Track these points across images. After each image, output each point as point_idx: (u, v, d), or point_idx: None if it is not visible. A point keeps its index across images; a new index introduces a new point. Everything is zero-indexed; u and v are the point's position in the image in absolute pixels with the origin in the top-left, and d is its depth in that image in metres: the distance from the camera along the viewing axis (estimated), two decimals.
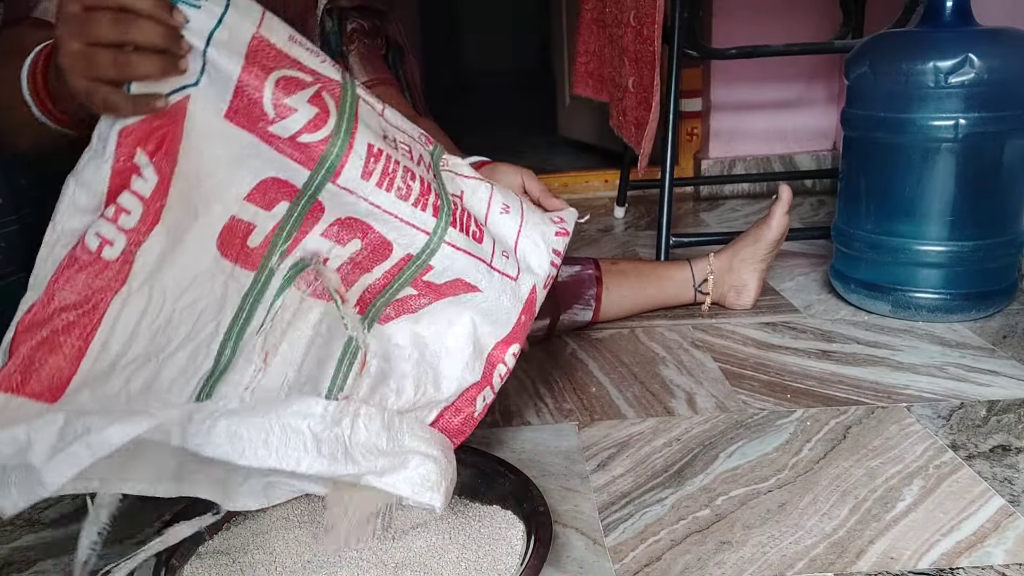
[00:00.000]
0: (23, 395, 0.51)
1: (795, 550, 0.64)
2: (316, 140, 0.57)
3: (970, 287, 1.06)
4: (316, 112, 0.57)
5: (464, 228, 0.66)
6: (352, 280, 0.65)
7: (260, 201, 0.60)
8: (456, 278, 0.66)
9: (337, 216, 0.62)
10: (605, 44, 1.56)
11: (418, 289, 0.67)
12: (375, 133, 0.61)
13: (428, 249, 0.64)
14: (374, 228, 0.63)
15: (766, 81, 1.91)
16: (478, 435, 0.84)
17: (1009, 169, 1.03)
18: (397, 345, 0.68)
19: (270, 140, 0.57)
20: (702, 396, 0.91)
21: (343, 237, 0.63)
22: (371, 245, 0.64)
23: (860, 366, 0.97)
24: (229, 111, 0.56)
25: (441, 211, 0.64)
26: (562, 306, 1.10)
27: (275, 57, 0.57)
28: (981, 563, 0.61)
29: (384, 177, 0.61)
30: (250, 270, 0.61)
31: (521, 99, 4.17)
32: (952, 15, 1.03)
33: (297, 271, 0.62)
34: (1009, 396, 0.87)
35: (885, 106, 1.05)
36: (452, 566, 0.59)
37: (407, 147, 0.64)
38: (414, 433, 0.64)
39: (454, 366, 0.69)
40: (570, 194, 2.08)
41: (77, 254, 0.53)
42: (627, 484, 0.74)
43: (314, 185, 0.59)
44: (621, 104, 1.46)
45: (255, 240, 0.61)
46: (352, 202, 0.60)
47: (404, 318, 0.68)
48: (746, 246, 1.15)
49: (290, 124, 0.56)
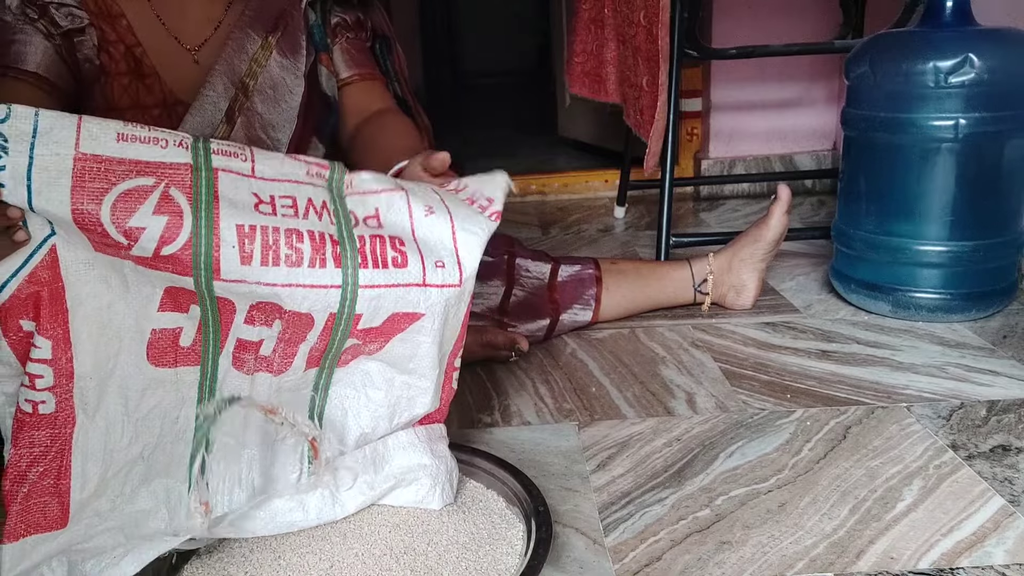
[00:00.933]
0: (34, 535, 0.56)
1: (795, 550, 0.64)
2: (178, 249, 0.54)
3: (970, 287, 1.06)
4: (167, 220, 0.54)
5: (380, 262, 0.60)
6: (292, 352, 0.62)
7: (174, 307, 0.57)
8: (392, 314, 0.62)
9: (248, 303, 0.58)
10: (604, 44, 1.55)
11: (360, 338, 0.63)
12: (244, 207, 0.57)
13: (347, 301, 0.59)
14: (284, 306, 0.59)
15: (766, 81, 1.91)
16: (478, 435, 0.85)
17: (1009, 169, 1.03)
18: (365, 384, 0.66)
19: (140, 261, 0.55)
20: (702, 396, 0.91)
21: (264, 320, 0.59)
22: (291, 320, 0.60)
23: (860, 366, 0.97)
24: (95, 245, 0.54)
25: (344, 258, 0.59)
26: (562, 306, 1.10)
27: (105, 172, 0.53)
28: (981, 563, 0.61)
29: (267, 252, 0.56)
30: (193, 366, 0.59)
31: (521, 99, 4.17)
32: (952, 15, 1.03)
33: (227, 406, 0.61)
34: (1009, 396, 0.87)
35: (885, 106, 1.05)
36: (452, 566, 0.59)
37: (290, 200, 0.60)
38: (401, 447, 0.65)
39: (425, 384, 0.66)
40: (570, 194, 2.08)
41: (20, 416, 0.56)
42: (627, 484, 0.74)
43: (204, 287, 0.56)
44: (637, 103, 1.46)
45: (186, 340, 0.59)
46: (248, 291, 0.57)
47: (362, 357, 0.65)
48: (745, 246, 1.15)
49: (146, 244, 0.53)
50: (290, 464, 0.62)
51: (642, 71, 1.39)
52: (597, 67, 1.60)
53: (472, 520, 0.64)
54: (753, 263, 1.15)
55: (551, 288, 1.10)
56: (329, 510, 0.63)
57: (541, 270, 1.12)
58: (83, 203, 0.52)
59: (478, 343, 1.01)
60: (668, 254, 1.35)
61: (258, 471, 0.61)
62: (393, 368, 0.65)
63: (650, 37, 1.33)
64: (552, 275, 1.11)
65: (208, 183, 0.56)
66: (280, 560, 0.60)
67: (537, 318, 1.08)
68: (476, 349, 1.01)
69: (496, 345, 1.01)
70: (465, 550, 0.61)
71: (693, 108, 2.00)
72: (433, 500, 0.66)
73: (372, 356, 0.65)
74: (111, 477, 0.58)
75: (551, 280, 1.11)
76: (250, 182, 0.59)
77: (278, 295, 0.58)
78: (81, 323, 0.56)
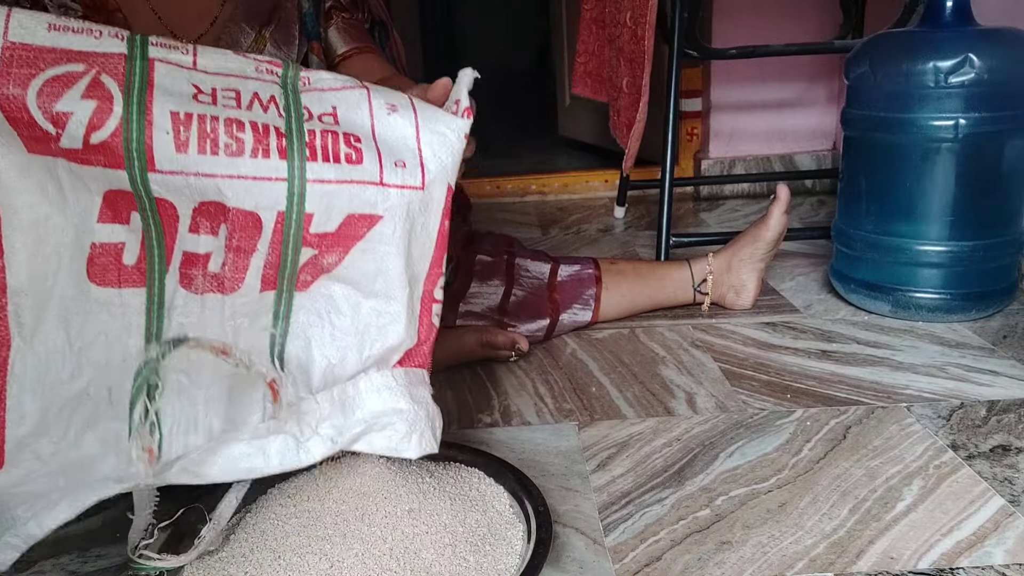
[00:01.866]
0: None
1: (795, 550, 0.64)
2: (108, 135, 0.52)
3: (970, 287, 1.06)
4: (95, 105, 0.51)
5: (331, 156, 0.57)
6: (243, 266, 0.58)
7: (113, 217, 0.54)
8: (347, 215, 0.58)
9: (191, 206, 0.55)
10: (605, 44, 1.56)
11: (315, 246, 0.59)
12: (180, 95, 0.54)
13: (295, 196, 0.56)
14: (228, 203, 0.55)
15: (766, 81, 1.91)
16: (478, 435, 0.85)
17: (1009, 169, 1.03)
18: (329, 311, 0.61)
19: (71, 156, 0.52)
20: (702, 396, 0.91)
21: (210, 226, 0.56)
22: (237, 223, 0.56)
23: (860, 366, 0.97)
24: (25, 142, 0.51)
25: (291, 151, 0.56)
26: (562, 306, 1.10)
27: (33, 59, 0.51)
28: (981, 563, 0.61)
29: (204, 140, 0.54)
30: (139, 287, 0.56)
31: (521, 99, 4.16)
32: (952, 15, 1.03)
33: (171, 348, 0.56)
34: (1009, 396, 0.87)
35: (885, 106, 1.05)
36: (452, 566, 0.59)
37: (232, 93, 0.57)
38: (375, 389, 0.60)
39: (396, 308, 0.61)
40: (570, 194, 2.08)
41: None
42: (627, 484, 0.74)
43: (140, 182, 0.53)
44: (616, 104, 1.46)
45: (130, 257, 0.55)
46: (186, 185, 0.54)
47: (323, 278, 0.61)
48: (745, 246, 1.15)
49: (74, 131, 0.51)
50: (249, 406, 0.58)
51: (623, 72, 1.39)
52: (599, 67, 1.60)
53: (472, 520, 0.64)
54: (752, 263, 1.15)
55: (551, 288, 1.10)
56: (293, 456, 0.57)
57: (541, 270, 1.12)
58: (8, 87, 0.50)
59: (478, 343, 1.01)
60: (668, 254, 1.35)
61: (215, 414, 0.56)
62: (359, 291, 0.61)
63: (634, 38, 1.33)
64: (552, 275, 1.11)
65: (142, 72, 0.53)
66: (280, 560, 0.60)
67: (537, 318, 1.08)
68: (476, 349, 1.01)
69: (496, 345, 1.01)
70: (465, 550, 0.61)
71: (693, 108, 2.00)
72: (409, 447, 0.60)
73: (334, 276, 0.60)
74: (53, 416, 0.54)
75: (551, 280, 1.11)
76: (190, 73, 0.56)
77: (219, 189, 0.55)
78: (14, 233, 0.52)
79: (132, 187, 0.53)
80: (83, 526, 0.71)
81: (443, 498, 0.65)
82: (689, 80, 1.95)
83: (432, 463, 0.71)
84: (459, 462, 0.71)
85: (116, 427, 0.55)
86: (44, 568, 0.66)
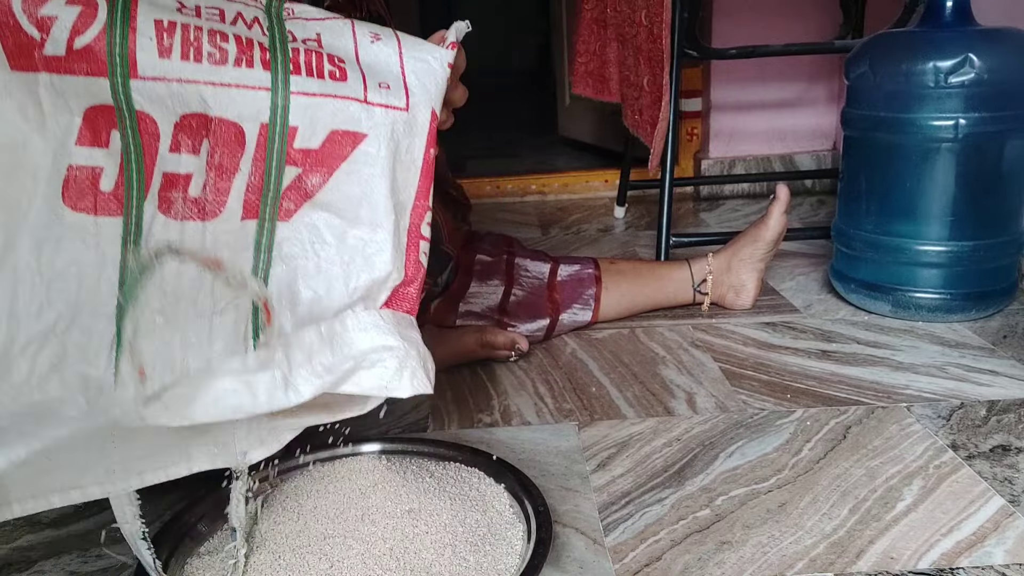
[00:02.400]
0: None
1: (795, 550, 0.64)
2: (92, 39, 0.51)
3: (970, 287, 1.06)
4: (80, 10, 0.51)
5: (315, 71, 0.57)
6: (225, 188, 0.57)
7: (92, 140, 0.53)
8: (331, 131, 0.58)
9: (172, 122, 0.54)
10: (607, 43, 1.56)
11: (299, 164, 0.58)
12: (164, 6, 0.54)
13: (279, 108, 0.56)
14: (211, 113, 0.55)
15: (766, 81, 1.91)
16: (478, 435, 0.85)
17: (1009, 169, 1.03)
18: (313, 241, 0.60)
19: (54, 67, 0.52)
20: (702, 396, 0.91)
21: (191, 144, 0.55)
22: (220, 136, 0.56)
23: (860, 366, 0.97)
24: (8, 56, 0.51)
25: (274, 63, 0.56)
26: (561, 306, 1.10)
27: None
28: (981, 563, 0.61)
29: (187, 48, 0.54)
30: (115, 216, 0.55)
31: (521, 99, 4.17)
32: (952, 15, 1.03)
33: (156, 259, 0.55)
34: (1009, 396, 0.87)
35: (885, 106, 1.05)
36: (452, 566, 0.59)
37: (215, 10, 0.57)
38: (362, 328, 0.57)
39: (382, 237, 0.60)
40: (570, 194, 2.08)
41: None
42: (627, 484, 0.74)
43: (121, 92, 0.53)
44: (637, 103, 1.46)
45: (107, 184, 0.54)
46: (169, 93, 0.53)
47: (306, 206, 0.59)
48: (744, 246, 1.15)
49: (57, 35, 0.51)
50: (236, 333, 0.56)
51: (643, 71, 1.39)
52: (601, 67, 1.60)
53: (472, 520, 0.64)
54: (752, 263, 1.15)
55: (550, 287, 1.10)
56: (281, 395, 0.54)
57: (540, 269, 1.12)
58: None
59: (478, 343, 1.01)
60: (668, 254, 1.35)
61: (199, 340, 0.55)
62: (343, 219, 0.60)
63: (651, 37, 1.33)
64: (551, 274, 1.11)
65: None
66: (280, 560, 0.60)
67: (537, 317, 1.08)
68: (476, 349, 1.01)
69: (496, 345, 1.01)
70: (465, 550, 0.61)
71: (693, 108, 2.00)
72: (401, 385, 0.56)
73: (317, 203, 0.59)
74: (17, 353, 0.51)
75: (550, 279, 1.11)
76: None
77: (202, 97, 0.54)
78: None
79: (114, 99, 0.53)
80: (83, 526, 0.71)
81: (443, 498, 0.65)
82: (689, 80, 1.95)
83: (432, 463, 0.71)
84: (459, 462, 0.72)
85: (84, 372, 0.53)
86: (44, 568, 0.66)
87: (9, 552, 0.68)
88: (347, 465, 0.68)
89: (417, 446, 0.74)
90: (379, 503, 0.65)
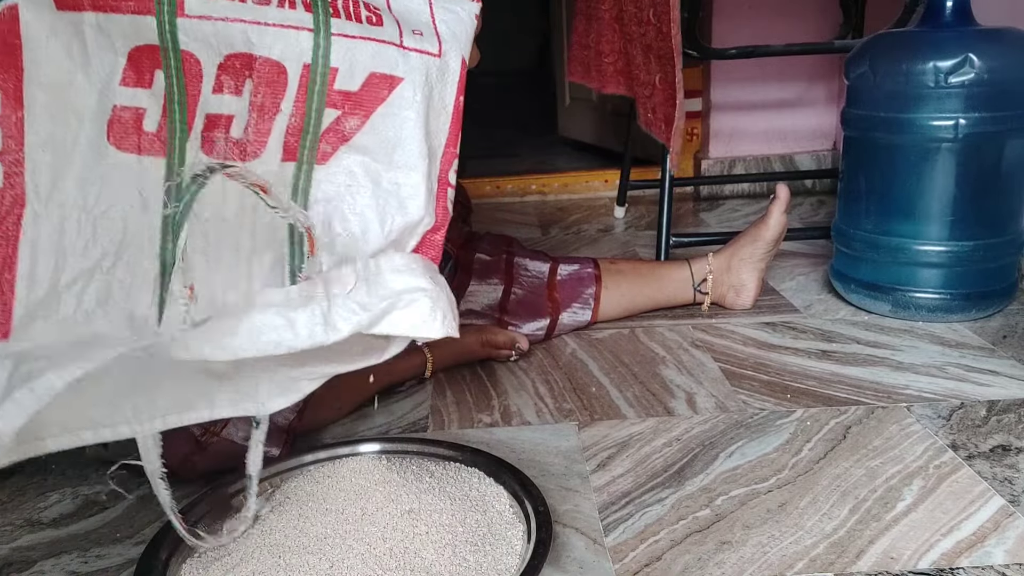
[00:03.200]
0: None
1: (795, 550, 0.64)
2: None
3: (970, 287, 1.06)
4: None
5: (352, 15, 0.58)
6: (266, 129, 0.58)
7: (136, 81, 0.54)
8: (370, 73, 0.58)
9: (216, 62, 0.55)
10: (601, 37, 1.56)
11: (339, 106, 0.59)
12: None
13: (320, 48, 0.57)
14: (255, 52, 0.56)
15: (766, 81, 1.91)
16: (478, 435, 0.85)
17: (1009, 169, 1.03)
18: (349, 184, 0.60)
19: (101, 5, 0.52)
20: (702, 396, 0.91)
21: (234, 84, 0.56)
22: (263, 76, 0.56)
23: (860, 366, 0.97)
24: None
25: (315, 4, 0.57)
26: (561, 305, 1.10)
27: None
28: (981, 563, 0.61)
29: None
30: (159, 156, 0.56)
31: (521, 99, 4.17)
32: (952, 15, 1.03)
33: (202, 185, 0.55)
34: (1009, 396, 0.87)
35: (885, 106, 1.05)
36: (452, 566, 0.59)
37: None
38: (396, 270, 0.58)
39: (415, 180, 0.61)
40: (570, 194, 2.08)
41: None
42: (627, 484, 0.74)
43: (168, 31, 0.53)
44: (649, 101, 1.46)
45: (151, 124, 0.55)
46: (214, 32, 0.54)
47: (343, 149, 0.60)
48: (744, 246, 1.15)
49: None
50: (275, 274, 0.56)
51: (654, 69, 1.39)
52: (597, 59, 1.61)
53: (472, 520, 0.64)
54: (752, 263, 1.15)
55: (550, 287, 1.10)
56: (321, 332, 0.53)
57: (540, 269, 1.12)
58: None
59: (478, 343, 1.01)
60: (668, 254, 1.35)
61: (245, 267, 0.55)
62: (379, 163, 0.60)
63: (660, 35, 1.33)
64: (551, 274, 1.11)
65: None
66: (280, 560, 0.60)
67: (537, 317, 1.08)
68: (476, 349, 1.01)
69: (496, 345, 1.01)
70: (465, 550, 0.61)
71: (693, 108, 1.99)
72: (434, 326, 0.57)
73: (354, 146, 0.60)
74: (64, 287, 0.52)
75: (550, 279, 1.11)
76: None
77: (247, 35, 0.55)
78: (37, 89, 0.51)
79: (159, 38, 0.54)
80: (83, 526, 0.71)
81: (443, 498, 0.65)
82: (689, 80, 1.94)
83: (432, 463, 0.71)
84: (459, 462, 0.72)
85: (130, 309, 0.54)
86: (44, 568, 0.66)
87: (9, 552, 0.68)
88: (347, 465, 0.68)
89: (417, 446, 0.74)
90: (379, 503, 0.65)
